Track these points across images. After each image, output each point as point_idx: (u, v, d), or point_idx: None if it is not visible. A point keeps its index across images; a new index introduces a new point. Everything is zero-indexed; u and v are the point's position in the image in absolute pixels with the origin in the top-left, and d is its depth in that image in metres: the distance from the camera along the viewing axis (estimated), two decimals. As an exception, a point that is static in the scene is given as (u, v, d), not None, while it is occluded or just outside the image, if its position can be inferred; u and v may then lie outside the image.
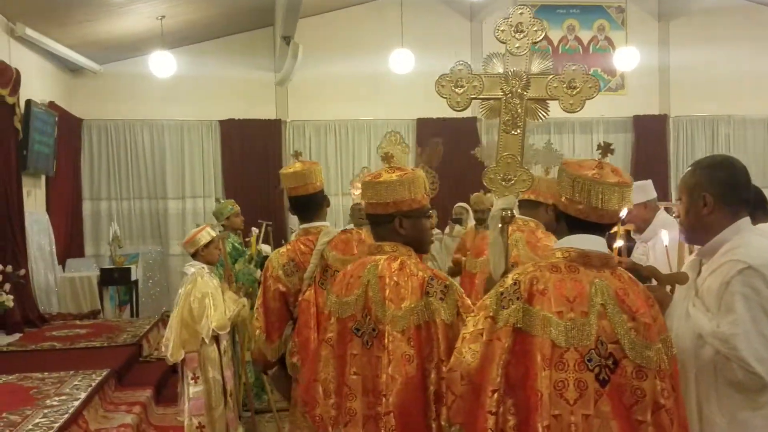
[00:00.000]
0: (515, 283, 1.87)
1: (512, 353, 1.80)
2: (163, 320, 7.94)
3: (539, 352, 1.78)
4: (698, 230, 2.18)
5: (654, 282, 2.23)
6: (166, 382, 6.06)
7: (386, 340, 2.09)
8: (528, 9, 2.58)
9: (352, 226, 4.76)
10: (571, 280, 1.84)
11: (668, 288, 2.20)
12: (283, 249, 3.21)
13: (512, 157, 2.56)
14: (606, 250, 1.92)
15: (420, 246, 2.35)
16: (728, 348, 1.94)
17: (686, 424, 1.85)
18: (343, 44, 9.73)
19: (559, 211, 1.97)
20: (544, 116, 2.59)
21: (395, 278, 2.17)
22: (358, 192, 4.44)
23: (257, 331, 3.12)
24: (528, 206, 3.32)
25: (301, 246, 3.11)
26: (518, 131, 2.56)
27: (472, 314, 1.98)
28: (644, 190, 4.05)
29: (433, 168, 3.70)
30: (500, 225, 2.46)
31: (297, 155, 3.41)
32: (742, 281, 1.96)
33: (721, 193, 2.12)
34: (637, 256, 3.80)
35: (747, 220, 2.13)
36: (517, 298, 1.84)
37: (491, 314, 1.88)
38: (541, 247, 3.23)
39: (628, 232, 3.61)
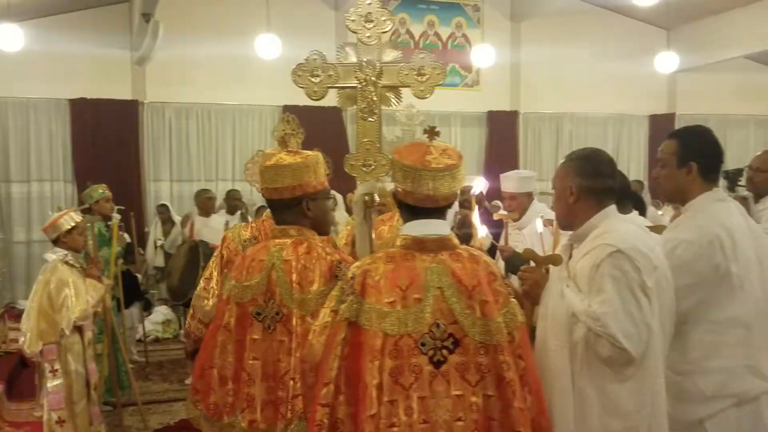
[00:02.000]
0: (352, 277, 1.96)
1: (349, 346, 1.88)
2: (9, 312, 7.38)
3: (369, 345, 1.85)
4: (568, 217, 2.37)
5: (532, 263, 2.42)
6: (18, 376, 5.67)
7: (294, 323, 2.12)
8: (376, 0, 2.72)
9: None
10: (404, 269, 1.92)
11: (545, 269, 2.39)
12: (246, 224, 3.17)
13: (371, 143, 2.69)
14: (445, 232, 2.02)
15: (323, 228, 2.40)
16: (599, 325, 2.09)
17: (539, 389, 1.98)
18: (208, 25, 9.44)
19: (398, 200, 2.05)
20: (396, 103, 2.74)
21: (303, 262, 2.20)
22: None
23: (204, 301, 3.00)
24: None
25: (268, 227, 3.04)
26: (375, 118, 2.70)
27: (324, 306, 2.06)
28: (528, 181, 4.38)
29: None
30: (363, 210, 2.57)
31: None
32: (611, 263, 2.12)
33: (586, 183, 2.30)
34: (512, 242, 4.06)
35: (613, 207, 2.33)
36: (352, 293, 1.92)
37: (334, 307, 1.98)
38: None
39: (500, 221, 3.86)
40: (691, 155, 2.51)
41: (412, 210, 2.01)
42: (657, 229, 2.64)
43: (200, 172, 9.83)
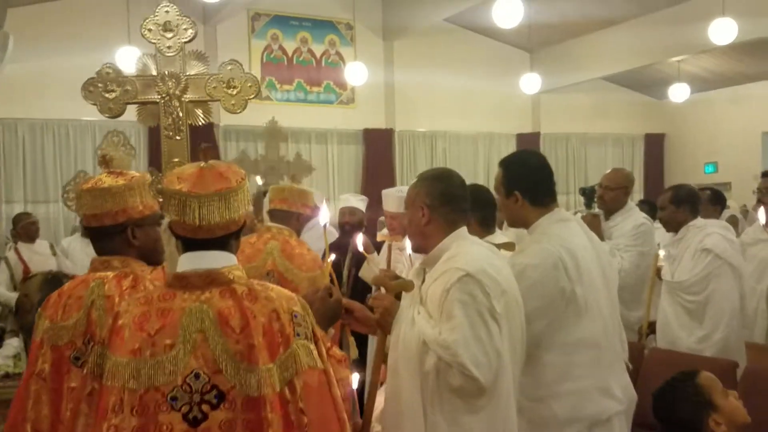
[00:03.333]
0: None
1: (95, 404, 1.64)
2: None
3: (106, 401, 1.59)
4: (420, 239, 2.31)
5: (383, 290, 2.33)
6: None
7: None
8: (174, 7, 2.52)
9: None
10: (157, 311, 1.64)
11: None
12: None
13: (180, 163, 2.50)
14: (222, 264, 1.71)
15: (153, 257, 2.15)
16: (449, 354, 2.02)
17: None
18: (64, 37, 8.85)
19: (173, 232, 1.74)
20: (205, 119, 2.55)
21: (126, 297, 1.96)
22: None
23: None
24: (280, 216, 3.36)
25: None
26: (182, 135, 2.52)
27: None
28: None
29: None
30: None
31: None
32: (461, 288, 2.06)
33: (438, 204, 2.24)
34: (397, 264, 3.98)
35: (464, 229, 2.28)
36: (100, 341, 1.69)
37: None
38: (296, 255, 3.28)
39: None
40: (514, 185, 2.52)
41: (184, 242, 1.72)
42: (508, 246, 2.63)
43: (58, 192, 9.18)
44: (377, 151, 11.22)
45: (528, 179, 2.53)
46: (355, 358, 2.76)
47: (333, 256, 2.54)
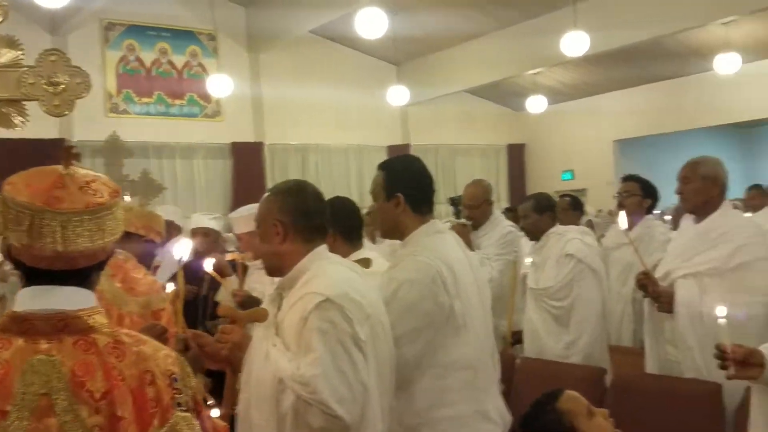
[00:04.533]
0: None
1: None
2: None
3: None
4: (274, 260, 2.07)
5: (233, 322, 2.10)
6: None
7: None
8: None
9: None
10: None
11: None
12: None
13: None
14: (78, 305, 1.31)
15: None
16: (308, 392, 1.80)
17: None
18: None
19: (11, 258, 1.33)
20: (23, 123, 2.09)
21: None
22: None
23: None
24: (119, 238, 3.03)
25: None
26: None
27: None
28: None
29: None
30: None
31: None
32: (320, 315, 1.85)
33: (293, 220, 2.02)
34: (251, 285, 3.74)
35: (324, 248, 2.08)
36: None
37: None
38: (129, 279, 2.98)
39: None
40: (397, 187, 2.35)
41: (28, 272, 1.32)
42: (363, 262, 2.49)
43: None
44: (247, 166, 10.89)
45: (411, 182, 2.39)
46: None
47: (171, 286, 2.27)
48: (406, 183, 2.37)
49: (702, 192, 3.12)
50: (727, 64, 8.78)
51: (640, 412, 3.01)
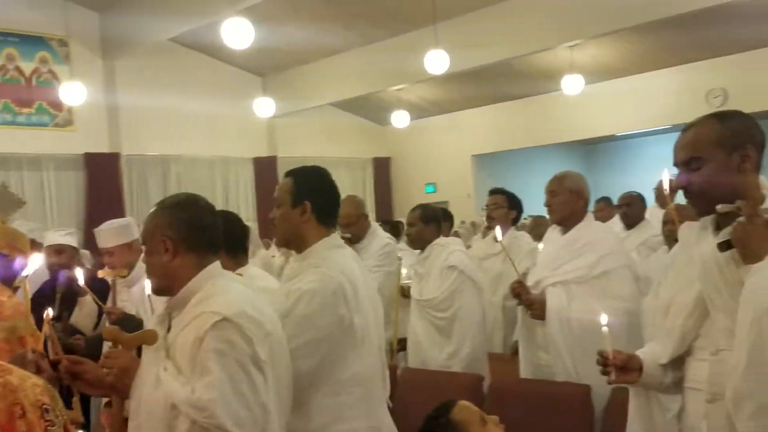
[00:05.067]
0: None
1: None
2: None
3: None
4: (163, 279, 1.97)
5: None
6: None
7: None
8: None
9: None
10: None
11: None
12: None
13: None
14: None
15: None
16: (206, 416, 1.73)
17: None
18: None
19: None
20: None
21: None
22: None
23: None
24: None
25: None
26: None
27: None
28: (126, 230, 3.79)
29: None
30: None
31: None
32: (217, 336, 1.78)
33: (184, 237, 1.93)
34: (121, 303, 3.52)
35: (217, 264, 2.01)
36: None
37: None
38: None
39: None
40: (306, 194, 2.30)
41: None
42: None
43: None
44: (102, 178, 10.26)
45: (321, 192, 2.35)
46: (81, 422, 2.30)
47: (49, 311, 2.11)
48: (316, 192, 2.33)
49: (568, 204, 3.34)
50: (572, 85, 9.45)
51: (516, 416, 3.12)
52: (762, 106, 9.42)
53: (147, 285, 2.25)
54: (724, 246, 1.78)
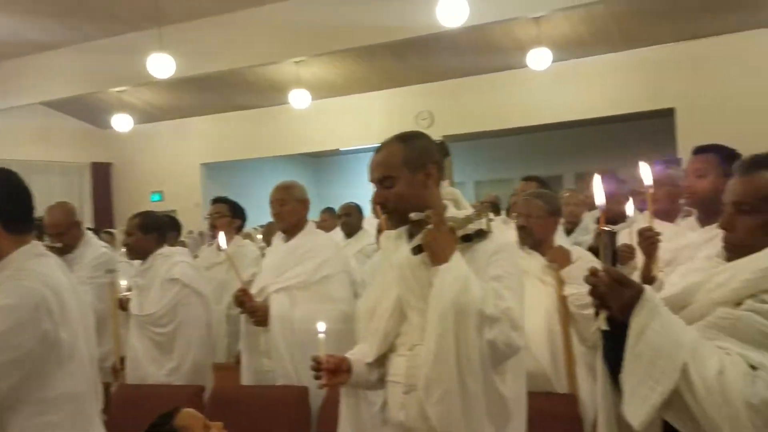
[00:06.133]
0: None
1: None
2: None
3: None
4: None
5: None
6: None
7: None
8: None
9: None
10: None
11: None
12: None
13: None
14: None
15: None
16: None
17: None
18: None
19: None
20: None
21: None
22: None
23: None
24: None
25: None
26: None
27: None
28: None
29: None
30: None
31: None
32: None
33: None
34: None
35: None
36: None
37: None
38: None
39: None
40: None
41: None
42: None
43: None
44: None
45: (8, 196, 2.08)
46: None
47: None
48: (2, 197, 2.07)
49: (296, 213, 3.50)
50: (299, 99, 9.70)
51: (238, 422, 3.18)
52: (463, 129, 10.73)
53: None
54: (416, 250, 2.03)
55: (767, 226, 1.67)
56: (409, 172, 2.09)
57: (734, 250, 1.72)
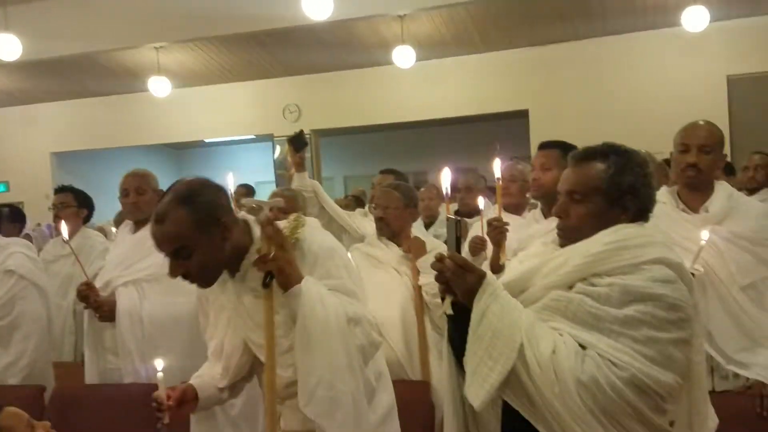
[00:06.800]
0: None
1: None
2: None
3: None
4: None
5: None
6: None
7: None
8: None
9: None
10: None
11: None
12: None
13: None
14: None
15: None
16: None
17: None
18: None
19: None
20: None
21: None
22: None
23: None
24: None
25: None
26: None
27: None
28: None
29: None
30: None
31: None
32: None
33: None
34: None
35: None
36: None
37: None
38: None
39: None
40: None
41: None
42: None
43: None
44: None
45: None
46: None
47: None
48: None
49: (153, 203, 3.31)
50: (158, 87, 9.29)
51: (82, 423, 3.02)
52: (330, 123, 10.73)
53: None
54: (266, 282, 2.00)
55: (597, 214, 1.75)
56: (204, 235, 1.94)
57: (567, 236, 1.81)
